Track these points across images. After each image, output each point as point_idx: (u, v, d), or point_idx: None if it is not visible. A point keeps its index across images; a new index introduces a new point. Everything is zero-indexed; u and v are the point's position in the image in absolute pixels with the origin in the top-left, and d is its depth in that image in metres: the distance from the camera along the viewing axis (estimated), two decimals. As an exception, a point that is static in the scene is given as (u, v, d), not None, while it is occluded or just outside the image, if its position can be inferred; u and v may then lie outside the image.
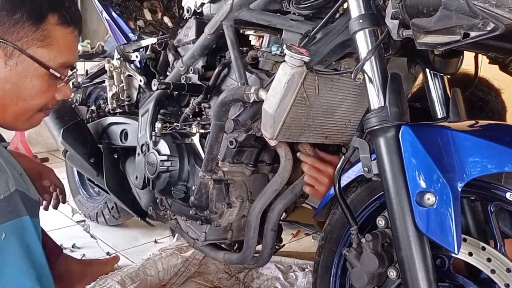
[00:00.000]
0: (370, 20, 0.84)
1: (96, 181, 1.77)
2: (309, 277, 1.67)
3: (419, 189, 0.79)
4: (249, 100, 1.02)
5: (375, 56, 0.84)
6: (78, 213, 2.28)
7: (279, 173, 1.18)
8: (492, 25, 0.66)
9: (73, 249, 1.96)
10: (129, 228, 2.23)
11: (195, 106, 1.32)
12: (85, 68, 2.16)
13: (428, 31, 0.72)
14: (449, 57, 1.00)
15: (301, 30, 1.02)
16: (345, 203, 0.94)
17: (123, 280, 1.55)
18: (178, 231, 1.48)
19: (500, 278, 0.78)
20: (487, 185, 0.81)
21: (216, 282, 1.70)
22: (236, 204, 1.26)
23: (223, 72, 1.24)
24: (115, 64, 1.63)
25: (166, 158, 1.33)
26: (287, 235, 2.14)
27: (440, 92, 1.03)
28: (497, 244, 0.82)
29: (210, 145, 1.18)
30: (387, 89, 0.82)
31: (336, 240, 1.05)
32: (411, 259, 0.80)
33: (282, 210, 1.24)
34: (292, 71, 0.90)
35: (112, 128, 1.71)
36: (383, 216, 0.90)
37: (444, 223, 0.76)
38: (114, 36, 1.78)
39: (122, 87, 1.65)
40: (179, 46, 1.44)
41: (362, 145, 0.89)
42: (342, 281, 1.06)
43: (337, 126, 1.10)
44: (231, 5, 1.13)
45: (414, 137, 0.79)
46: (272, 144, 1.11)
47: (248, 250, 1.26)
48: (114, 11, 1.78)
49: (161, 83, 1.25)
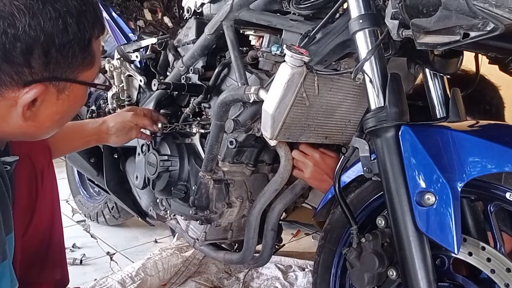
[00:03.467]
0: (370, 20, 0.84)
1: (96, 181, 1.77)
2: (309, 277, 1.67)
3: (419, 189, 0.79)
4: (249, 100, 1.02)
5: (375, 56, 0.84)
6: (78, 213, 2.29)
7: (279, 173, 1.18)
8: (492, 25, 0.66)
9: (73, 249, 1.97)
10: (129, 228, 2.24)
11: (195, 106, 1.32)
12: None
13: (428, 31, 0.73)
14: (449, 57, 1.00)
15: (301, 30, 1.02)
16: (345, 203, 0.94)
17: (123, 280, 1.56)
18: (178, 231, 1.48)
19: (500, 278, 0.78)
20: (487, 185, 0.81)
21: (216, 282, 1.70)
22: (236, 204, 1.26)
23: (223, 72, 1.24)
24: (115, 64, 1.63)
25: (166, 158, 1.33)
26: (287, 235, 2.14)
27: (440, 92, 1.03)
28: (497, 244, 0.82)
29: (210, 145, 1.18)
30: (386, 89, 0.82)
31: (336, 240, 1.05)
32: (411, 259, 0.80)
33: (282, 210, 1.24)
34: (292, 71, 0.90)
35: (112, 128, 1.71)
36: (383, 216, 0.90)
37: (444, 223, 0.76)
38: (114, 36, 1.78)
39: (122, 87, 1.66)
40: (179, 46, 1.44)
41: (362, 145, 0.89)
42: (342, 281, 1.06)
43: (337, 126, 1.10)
44: (231, 5, 1.13)
45: (414, 137, 0.79)
46: (272, 144, 1.11)
47: (248, 250, 1.26)
48: (114, 11, 1.78)
49: (161, 83, 1.25)
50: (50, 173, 1.18)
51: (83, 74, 0.87)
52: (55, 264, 1.22)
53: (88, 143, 1.41)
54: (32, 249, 1.15)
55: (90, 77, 0.89)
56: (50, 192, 1.18)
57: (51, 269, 1.21)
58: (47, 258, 1.20)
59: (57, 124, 0.92)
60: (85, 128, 1.38)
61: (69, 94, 0.86)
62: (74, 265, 1.81)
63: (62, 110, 0.88)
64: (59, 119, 0.90)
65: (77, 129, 1.37)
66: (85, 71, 0.87)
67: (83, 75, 0.87)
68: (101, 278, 1.59)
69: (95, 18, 0.85)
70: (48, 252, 1.19)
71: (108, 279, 1.57)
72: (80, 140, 1.38)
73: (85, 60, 0.85)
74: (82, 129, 1.38)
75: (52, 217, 1.20)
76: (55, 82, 0.82)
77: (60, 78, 0.82)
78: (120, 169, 1.66)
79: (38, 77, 0.79)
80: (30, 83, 0.79)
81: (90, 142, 1.41)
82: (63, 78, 0.83)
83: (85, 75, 0.87)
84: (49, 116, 0.86)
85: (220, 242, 1.40)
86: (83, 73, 0.87)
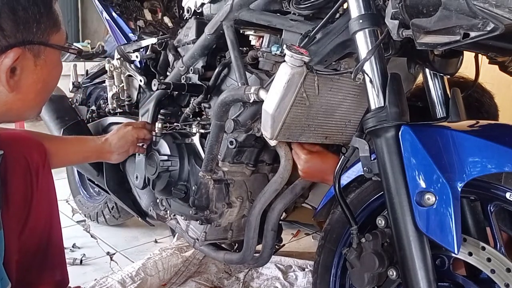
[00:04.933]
0: (370, 20, 0.84)
1: (96, 181, 1.77)
2: (309, 277, 1.67)
3: (419, 189, 0.79)
4: (249, 100, 1.02)
5: (375, 56, 0.84)
6: (78, 213, 2.29)
7: (279, 173, 1.18)
8: (492, 25, 0.66)
9: (73, 249, 1.96)
10: (129, 228, 2.24)
11: (195, 106, 1.32)
12: (85, 68, 2.17)
13: (428, 31, 0.73)
14: (449, 57, 1.00)
15: (301, 30, 1.02)
16: (345, 203, 0.94)
17: (124, 279, 1.56)
18: (178, 231, 1.48)
19: (500, 278, 0.78)
20: (487, 185, 0.81)
21: (216, 282, 1.70)
22: (236, 204, 1.26)
23: (223, 72, 1.24)
24: (115, 64, 1.63)
25: (166, 158, 1.33)
26: (287, 235, 2.14)
27: (440, 92, 1.03)
28: (497, 244, 0.82)
29: (210, 145, 1.18)
30: (387, 89, 0.82)
31: (336, 240, 1.05)
32: (411, 259, 0.80)
33: (282, 210, 1.24)
34: (292, 71, 0.90)
35: (112, 128, 1.71)
36: (383, 216, 0.90)
37: (444, 223, 0.76)
38: (114, 36, 1.78)
39: (122, 87, 1.66)
40: (179, 46, 1.44)
41: (362, 145, 0.89)
42: (342, 281, 1.06)
43: (337, 126, 1.10)
44: (231, 5, 1.13)
45: (414, 137, 0.79)
46: (272, 144, 1.11)
47: (248, 250, 1.26)
48: (114, 11, 1.78)
49: (161, 83, 1.25)
50: (46, 172, 1.18)
51: (53, 38, 0.90)
52: (54, 265, 1.22)
53: (87, 159, 1.45)
54: (31, 250, 1.15)
55: (59, 41, 0.93)
56: (46, 191, 1.18)
57: (51, 270, 1.21)
58: (47, 258, 1.20)
59: (41, 96, 0.94)
60: (86, 143, 1.40)
61: (45, 59, 0.90)
62: (74, 265, 1.81)
63: (42, 78, 0.91)
64: (42, 88, 0.92)
65: (77, 142, 1.39)
66: (54, 33, 0.90)
67: (53, 38, 0.90)
68: (101, 278, 1.59)
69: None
70: (47, 253, 1.19)
71: (108, 279, 1.57)
72: (80, 154, 1.40)
73: (51, 21, 0.89)
74: (83, 144, 1.39)
75: (50, 217, 1.20)
76: (29, 46, 0.86)
77: (32, 41, 0.86)
78: (120, 169, 1.66)
79: (12, 41, 0.83)
80: (6, 48, 0.82)
81: (90, 158, 1.44)
82: (35, 41, 0.87)
83: (55, 39, 0.91)
84: (31, 86, 0.90)
85: (220, 242, 1.40)
86: (53, 36, 0.90)
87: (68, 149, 1.33)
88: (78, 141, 1.39)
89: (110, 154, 1.41)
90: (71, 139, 1.35)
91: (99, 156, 1.42)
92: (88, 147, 1.39)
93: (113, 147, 1.39)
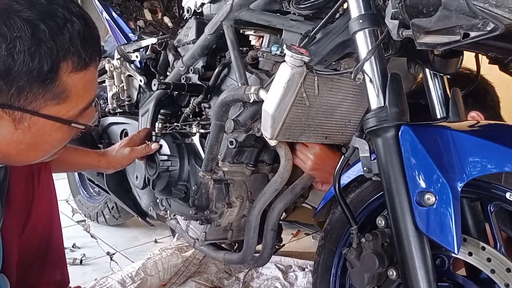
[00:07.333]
0: (370, 20, 0.84)
1: (96, 181, 1.77)
2: (309, 277, 1.67)
3: (419, 189, 0.79)
4: (249, 100, 1.02)
5: (375, 56, 0.84)
6: (78, 213, 2.29)
7: (279, 173, 1.18)
8: (492, 25, 0.66)
9: (73, 248, 1.96)
10: (129, 228, 2.24)
11: (195, 106, 1.32)
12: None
13: (428, 31, 0.73)
14: (449, 57, 1.00)
15: (301, 30, 1.02)
16: (345, 203, 0.94)
17: (123, 280, 1.56)
18: (178, 231, 1.48)
19: (500, 278, 0.78)
20: (487, 185, 0.81)
21: (216, 282, 1.70)
22: (236, 204, 1.26)
23: (223, 72, 1.24)
24: (115, 64, 1.63)
25: (166, 158, 1.33)
26: (287, 235, 2.14)
27: (440, 92, 1.03)
28: (497, 244, 0.82)
29: (210, 145, 1.18)
30: (387, 89, 0.82)
31: (336, 240, 1.05)
32: (411, 259, 0.80)
33: (282, 210, 1.24)
34: (292, 71, 0.90)
35: (112, 128, 1.71)
36: (383, 216, 0.90)
37: (444, 223, 0.76)
38: (114, 36, 1.78)
39: (122, 87, 1.66)
40: (179, 46, 1.44)
41: (362, 145, 0.89)
42: (342, 281, 1.06)
43: (337, 126, 1.10)
44: (231, 5, 1.14)
45: (414, 137, 0.79)
46: (272, 144, 1.11)
47: (248, 250, 1.26)
48: (114, 11, 1.78)
49: (161, 83, 1.25)
50: (46, 173, 1.18)
51: (49, 108, 0.78)
52: (55, 265, 1.22)
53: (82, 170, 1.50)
54: (31, 250, 1.15)
55: (61, 111, 0.80)
56: (47, 192, 1.18)
57: (51, 270, 1.21)
58: (47, 259, 1.20)
59: (27, 154, 0.84)
60: (85, 156, 1.41)
61: (29, 126, 0.78)
62: (74, 265, 1.81)
63: (26, 141, 0.80)
64: (27, 149, 0.82)
65: (76, 154, 1.38)
66: (52, 105, 0.78)
67: (49, 109, 0.78)
68: (101, 278, 1.59)
69: (66, 49, 0.75)
70: (47, 253, 1.19)
71: (108, 279, 1.57)
72: (77, 166, 1.44)
73: (48, 93, 0.76)
74: (81, 156, 1.40)
75: (51, 218, 1.20)
76: (7, 110, 0.74)
77: (11, 106, 0.74)
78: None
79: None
80: None
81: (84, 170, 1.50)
82: (15, 106, 0.74)
83: (52, 110, 0.78)
84: (11, 144, 0.80)
85: (220, 242, 1.40)
86: (49, 107, 0.78)
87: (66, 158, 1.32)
88: (77, 153, 1.38)
89: (106, 170, 1.48)
90: (71, 149, 1.32)
91: (94, 170, 1.48)
92: (87, 160, 1.40)
93: (109, 165, 1.42)
